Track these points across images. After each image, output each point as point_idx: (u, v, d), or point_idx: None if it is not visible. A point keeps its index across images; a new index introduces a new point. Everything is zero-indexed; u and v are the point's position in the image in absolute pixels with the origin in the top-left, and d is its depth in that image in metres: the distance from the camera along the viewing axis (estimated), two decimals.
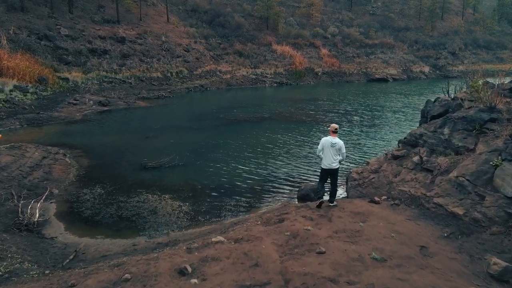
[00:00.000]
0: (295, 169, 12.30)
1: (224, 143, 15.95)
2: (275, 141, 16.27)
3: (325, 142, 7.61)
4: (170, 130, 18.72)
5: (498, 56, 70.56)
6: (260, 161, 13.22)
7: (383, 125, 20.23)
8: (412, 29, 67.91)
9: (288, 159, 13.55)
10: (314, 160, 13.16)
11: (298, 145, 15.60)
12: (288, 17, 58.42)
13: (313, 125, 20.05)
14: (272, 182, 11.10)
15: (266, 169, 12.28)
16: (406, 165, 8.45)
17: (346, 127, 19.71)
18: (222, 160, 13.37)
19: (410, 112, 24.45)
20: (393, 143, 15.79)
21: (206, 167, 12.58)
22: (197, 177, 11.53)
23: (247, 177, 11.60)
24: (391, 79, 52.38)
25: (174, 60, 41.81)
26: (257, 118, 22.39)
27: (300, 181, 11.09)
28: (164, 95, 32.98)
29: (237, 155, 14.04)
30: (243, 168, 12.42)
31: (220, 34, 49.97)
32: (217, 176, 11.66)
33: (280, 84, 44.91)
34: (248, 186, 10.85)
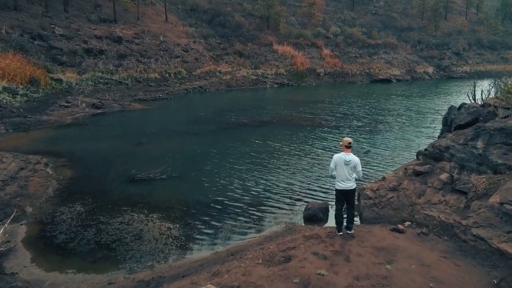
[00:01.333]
0: (300, 183, 10.99)
1: (222, 151, 14.75)
2: (278, 149, 15.04)
3: (338, 159, 6.62)
4: (164, 136, 17.54)
5: (503, 56, 69.37)
6: (261, 172, 11.99)
7: (392, 131, 19.02)
8: (415, 29, 66.71)
9: (292, 171, 12.22)
10: (322, 173, 11.88)
11: (303, 154, 14.33)
12: (289, 17, 57.25)
13: (318, 130, 18.84)
14: (274, 198, 9.87)
15: (267, 183, 11.02)
16: (431, 183, 7.27)
17: (352, 133, 18.51)
18: (219, 171, 12.17)
19: (418, 117, 23.26)
20: (407, 154, 14.61)
21: (201, 179, 11.37)
22: (190, 192, 10.33)
23: (246, 191, 10.37)
24: (395, 80, 51.19)
25: (173, 60, 40.65)
26: (258, 122, 21.21)
27: (306, 198, 9.84)
28: (162, 96, 31.82)
29: (236, 165, 12.82)
30: (242, 181, 11.18)
31: (220, 34, 48.80)
32: (213, 190, 10.45)
33: (281, 85, 43.72)
34: (247, 203, 9.65)
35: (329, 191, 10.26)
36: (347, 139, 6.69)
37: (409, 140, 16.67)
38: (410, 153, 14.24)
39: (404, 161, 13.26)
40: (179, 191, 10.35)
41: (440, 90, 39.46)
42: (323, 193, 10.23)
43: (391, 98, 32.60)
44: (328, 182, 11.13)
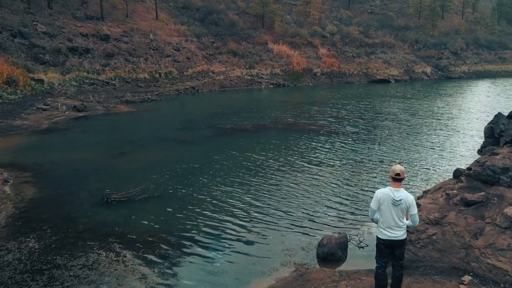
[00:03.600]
0: (309, 207, 9.04)
1: (215, 163, 12.91)
2: (280, 160, 13.20)
3: (383, 197, 4.73)
4: (151, 143, 15.67)
5: (501, 56, 68.37)
6: (261, 192, 10.10)
7: (405, 139, 17.33)
8: (412, 28, 65.35)
9: (299, 190, 10.22)
10: (335, 193, 10.06)
11: (309, 168, 12.46)
12: (285, 15, 55.50)
13: (323, 137, 17.06)
14: (279, 228, 7.97)
15: (270, 207, 9.08)
16: (491, 218, 5.54)
17: (360, 142, 16.82)
18: (211, 189, 10.31)
19: (436, 122, 21.63)
20: (430, 167, 12.90)
21: (189, 200, 9.50)
22: (175, 219, 8.48)
23: (244, 218, 8.48)
24: (393, 80, 49.71)
25: (163, 60, 38.74)
26: (255, 127, 19.40)
27: (319, 227, 8.00)
28: (151, 98, 29.91)
29: (231, 182, 10.95)
30: (239, 204, 9.29)
31: (213, 32, 46.92)
32: (204, 217, 8.58)
33: (277, 86, 41.95)
34: (245, 233, 7.81)
35: (347, 219, 8.48)
36: (396, 168, 4.71)
37: (428, 151, 14.93)
38: (435, 168, 12.48)
39: (428, 176, 11.55)
40: (161, 218, 8.49)
41: (442, 92, 37.95)
42: (340, 221, 8.39)
43: (393, 100, 30.98)
44: (345, 205, 9.34)
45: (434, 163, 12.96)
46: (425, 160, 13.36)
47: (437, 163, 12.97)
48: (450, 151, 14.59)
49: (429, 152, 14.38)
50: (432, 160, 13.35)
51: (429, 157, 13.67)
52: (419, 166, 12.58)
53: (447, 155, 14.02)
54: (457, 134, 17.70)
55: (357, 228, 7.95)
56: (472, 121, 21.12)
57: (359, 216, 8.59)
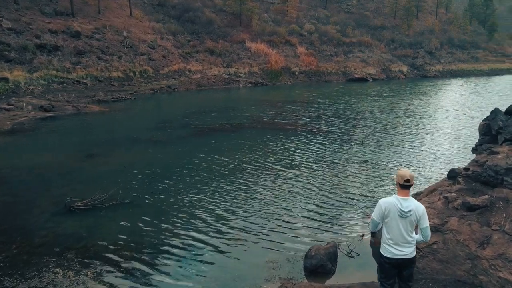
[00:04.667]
0: (293, 213, 8.36)
1: (192, 165, 12.11)
2: (260, 163, 12.49)
3: (389, 208, 4.02)
4: (122, 145, 14.72)
5: (473, 55, 70.03)
6: (241, 197, 9.36)
7: (389, 137, 16.98)
8: (388, 27, 66.06)
9: (281, 194, 9.52)
10: (321, 199, 9.40)
11: (291, 169, 11.87)
12: (262, 13, 54.92)
13: (302, 136, 16.49)
14: (260, 237, 7.23)
15: (249, 213, 8.35)
16: (498, 225, 5.02)
17: (342, 140, 16.34)
18: (187, 194, 9.51)
19: (416, 121, 21.42)
20: (421, 166, 12.49)
21: (162, 207, 8.68)
22: (146, 228, 7.65)
23: (222, 227, 7.69)
24: (371, 79, 49.91)
25: (138, 58, 37.43)
26: (234, 127, 18.66)
27: (304, 235, 7.36)
28: (124, 97, 28.72)
29: (209, 185, 10.17)
30: (216, 210, 8.49)
31: (189, 30, 45.82)
32: (178, 225, 7.78)
33: (255, 85, 41.28)
34: (224, 244, 7.06)
35: (334, 225, 7.85)
36: (403, 173, 3.98)
37: (413, 150, 14.54)
38: (423, 168, 12.05)
39: (417, 177, 11.08)
40: (131, 228, 7.66)
41: (418, 90, 38.21)
42: (326, 228, 7.74)
43: (372, 99, 30.86)
44: (331, 211, 8.72)
45: (421, 163, 12.55)
46: (411, 159, 12.94)
47: (424, 163, 12.58)
48: (436, 150, 14.25)
49: (414, 152, 14.01)
50: (418, 160, 12.94)
51: (414, 157, 13.27)
52: (405, 166, 12.13)
53: (432, 154, 13.66)
54: (437, 133, 17.48)
55: (346, 236, 7.35)
56: (450, 119, 21.03)
57: (347, 222, 8.00)
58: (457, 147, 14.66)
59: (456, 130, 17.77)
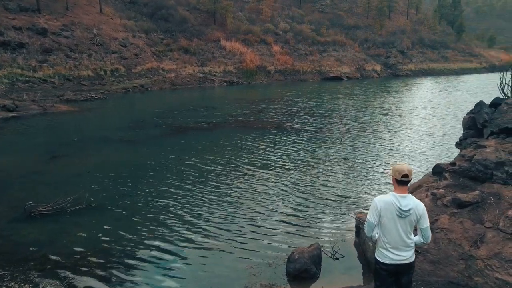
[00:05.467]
0: (272, 215, 7.88)
1: (165, 165, 11.53)
2: (235, 162, 12.04)
3: (385, 207, 3.58)
4: (91, 145, 13.95)
5: (443, 55, 71.93)
6: (216, 199, 8.84)
7: (367, 133, 16.86)
8: (362, 27, 66.94)
9: (257, 195, 8.99)
10: (300, 198, 9.02)
11: (267, 168, 11.48)
12: (237, 12, 54.45)
13: (280, 135, 16.14)
14: (238, 240, 6.83)
15: (227, 215, 7.82)
16: (492, 222, 4.76)
17: (318, 139, 16.08)
18: (159, 196, 8.93)
19: (387, 118, 21.43)
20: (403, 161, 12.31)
21: (133, 211, 8.07)
22: (115, 234, 7.05)
23: (197, 231, 7.12)
24: (345, 78, 50.33)
25: (109, 56, 36.23)
26: (209, 125, 18.13)
27: (284, 238, 6.93)
28: (95, 97, 27.62)
29: (183, 187, 9.59)
30: (191, 213, 7.91)
31: (162, 28, 44.80)
32: (150, 230, 7.21)
33: (230, 84, 40.79)
34: (199, 250, 6.54)
35: (316, 226, 7.48)
36: (401, 167, 3.57)
37: (391, 147, 14.44)
38: (407, 163, 11.93)
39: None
40: (98, 234, 7.05)
41: (391, 89, 38.68)
42: (308, 229, 7.36)
43: (347, 97, 30.97)
44: (312, 210, 8.36)
45: (402, 159, 12.40)
46: (391, 156, 12.79)
47: (404, 159, 12.44)
48: (414, 146, 14.18)
49: (392, 148, 13.89)
50: (398, 156, 12.81)
51: (394, 154, 13.14)
52: (384, 163, 11.95)
53: (411, 151, 13.58)
54: (413, 130, 17.51)
55: (329, 236, 7.00)
56: (424, 117, 21.20)
57: (329, 222, 7.65)
58: (435, 143, 14.66)
59: (431, 127, 17.86)
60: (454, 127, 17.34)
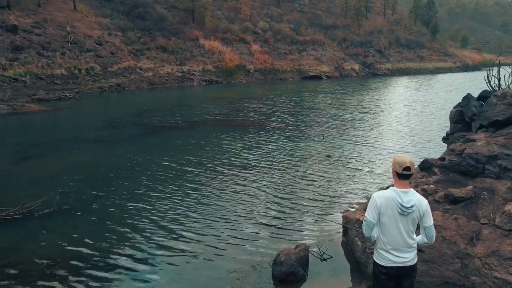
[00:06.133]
0: (255, 216, 7.45)
1: (142, 165, 11.05)
2: (215, 162, 11.66)
3: (386, 204, 3.25)
4: (64, 145, 13.30)
5: (419, 55, 73.36)
6: (195, 199, 8.39)
7: (347, 131, 16.75)
8: (340, 27, 67.48)
9: (239, 195, 8.58)
10: (283, 197, 8.71)
11: (249, 167, 11.16)
12: (216, 11, 53.90)
13: (261, 133, 15.84)
14: (221, 243, 6.40)
15: (206, 217, 7.39)
16: (488, 218, 4.57)
17: (299, 136, 15.86)
18: (135, 198, 8.45)
19: (368, 116, 21.43)
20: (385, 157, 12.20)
21: (107, 214, 7.58)
22: (88, 239, 6.55)
23: (176, 234, 6.64)
24: (325, 77, 50.57)
25: (83, 54, 35.13)
26: (188, 124, 17.66)
27: (269, 239, 6.61)
28: (69, 96, 26.69)
29: (160, 188, 9.12)
30: (169, 215, 7.48)
31: (139, 27, 43.83)
32: (125, 234, 6.75)
33: (209, 83, 40.28)
34: (179, 254, 6.14)
35: (302, 228, 7.17)
36: (402, 159, 3.24)
37: (380, 142, 14.36)
38: (384, 161, 11.80)
39: (382, 170, 10.76)
40: (69, 239, 6.55)
41: (369, 87, 39.02)
42: (293, 229, 7.07)
43: (327, 96, 31.00)
44: (296, 209, 8.07)
45: (386, 155, 12.29)
46: (374, 153, 12.65)
47: (389, 155, 12.32)
48: (395, 143, 14.11)
49: (375, 145, 13.78)
50: (382, 152, 12.69)
51: (377, 150, 13.02)
52: (368, 160, 11.81)
53: (395, 147, 13.51)
54: (394, 127, 17.52)
55: (316, 236, 6.71)
56: (402, 114, 21.32)
57: (315, 222, 7.37)
58: (416, 140, 14.64)
59: (411, 124, 17.92)
60: (433, 124, 17.46)
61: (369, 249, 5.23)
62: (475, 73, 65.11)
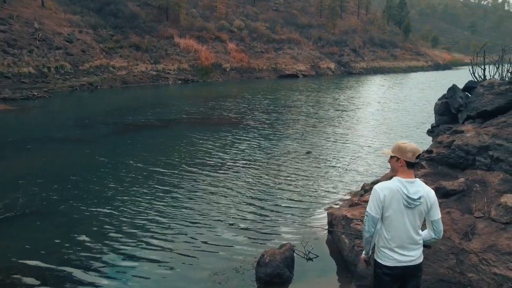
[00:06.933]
0: (236, 216, 7.05)
1: (114, 165, 10.48)
2: (191, 160, 11.19)
3: (390, 195, 2.91)
4: (30, 145, 12.54)
5: (393, 54, 74.74)
6: (170, 200, 7.97)
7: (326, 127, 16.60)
8: (315, 26, 67.87)
9: (217, 194, 8.17)
10: (265, 196, 8.29)
11: (226, 165, 10.76)
12: (190, 9, 53.09)
13: (238, 131, 15.47)
14: (200, 244, 6.00)
15: (182, 218, 6.94)
16: (482, 211, 4.37)
17: (280, 132, 15.60)
18: (104, 202, 7.89)
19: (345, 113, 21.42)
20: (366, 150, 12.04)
21: (76, 217, 7.00)
22: (54, 244, 6.03)
23: (152, 235, 6.25)
24: (301, 75, 50.71)
25: (53, 52, 33.77)
26: (162, 123, 17.09)
27: (251, 239, 6.25)
28: (37, 95, 25.56)
29: (132, 190, 8.55)
30: (144, 216, 7.01)
31: (111, 24, 42.60)
32: (96, 238, 6.28)
33: (185, 82, 39.58)
34: (156, 257, 5.69)
35: (285, 227, 6.85)
36: (414, 146, 2.95)
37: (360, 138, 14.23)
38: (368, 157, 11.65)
39: (366, 166, 10.58)
40: (34, 245, 6.00)
41: (345, 85, 39.31)
42: (275, 229, 6.74)
43: (304, 94, 30.96)
44: (278, 207, 7.76)
45: (363, 152, 12.14)
46: (357, 149, 12.50)
47: (372, 149, 12.19)
48: (374, 138, 14.02)
49: (352, 141, 13.63)
50: (361, 148, 12.54)
51: (355, 146, 12.87)
52: (348, 157, 11.63)
53: (373, 142, 13.40)
54: (370, 123, 17.49)
55: (300, 235, 6.40)
56: (379, 110, 21.42)
57: (298, 220, 7.07)
58: (393, 136, 14.58)
59: (387, 120, 17.95)
60: (409, 121, 17.52)
61: (358, 246, 4.97)
62: (446, 72, 66.95)
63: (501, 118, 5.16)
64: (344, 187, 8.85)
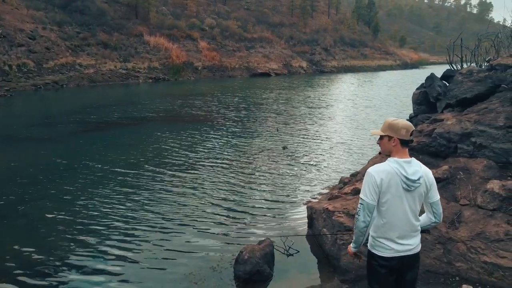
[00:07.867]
0: (210, 213, 6.79)
1: (80, 165, 9.90)
2: (163, 158, 10.79)
3: (389, 178, 2.58)
4: None
5: (363, 53, 76.19)
6: (142, 198, 7.55)
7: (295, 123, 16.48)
8: (287, 25, 68.15)
9: (191, 192, 7.85)
10: (241, 192, 8.01)
11: (199, 163, 10.42)
12: (160, 6, 52.06)
13: (211, 128, 15.11)
14: (174, 242, 5.72)
15: (155, 216, 6.59)
16: (468, 198, 4.26)
17: (254, 129, 15.36)
18: (70, 203, 7.39)
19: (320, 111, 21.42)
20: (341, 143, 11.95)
21: (36, 220, 6.53)
22: (14, 249, 5.57)
23: (123, 236, 5.89)
24: (273, 74, 50.72)
25: (14, 49, 32.18)
26: (134, 120, 16.51)
27: (231, 238, 5.99)
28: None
29: (99, 190, 8.03)
30: (115, 217, 6.62)
31: (78, 21, 41.08)
32: (61, 240, 5.84)
33: (156, 80, 38.73)
34: (128, 258, 5.35)
35: (265, 220, 6.60)
36: (407, 123, 2.68)
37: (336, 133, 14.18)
38: (352, 145, 11.59)
39: (345, 159, 10.49)
40: None
41: (316, 83, 39.61)
42: (253, 224, 6.50)
43: (276, 92, 30.90)
44: (255, 202, 7.50)
45: (338, 146, 12.08)
46: (328, 144, 12.41)
47: (343, 145, 12.14)
48: (347, 135, 14.04)
49: (326, 136, 13.58)
50: (339, 142, 12.48)
51: (332, 141, 12.80)
52: (323, 151, 11.53)
53: (350, 136, 13.40)
54: (345, 119, 17.59)
55: (279, 230, 6.17)
56: (349, 107, 21.60)
57: (276, 215, 6.84)
58: (367, 131, 14.66)
59: (358, 116, 18.11)
60: (380, 117, 17.67)
61: (340, 240, 4.78)
62: (413, 71, 68.76)
63: (482, 104, 5.11)
64: (321, 182, 8.70)
